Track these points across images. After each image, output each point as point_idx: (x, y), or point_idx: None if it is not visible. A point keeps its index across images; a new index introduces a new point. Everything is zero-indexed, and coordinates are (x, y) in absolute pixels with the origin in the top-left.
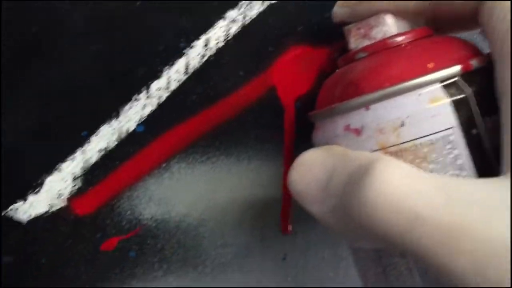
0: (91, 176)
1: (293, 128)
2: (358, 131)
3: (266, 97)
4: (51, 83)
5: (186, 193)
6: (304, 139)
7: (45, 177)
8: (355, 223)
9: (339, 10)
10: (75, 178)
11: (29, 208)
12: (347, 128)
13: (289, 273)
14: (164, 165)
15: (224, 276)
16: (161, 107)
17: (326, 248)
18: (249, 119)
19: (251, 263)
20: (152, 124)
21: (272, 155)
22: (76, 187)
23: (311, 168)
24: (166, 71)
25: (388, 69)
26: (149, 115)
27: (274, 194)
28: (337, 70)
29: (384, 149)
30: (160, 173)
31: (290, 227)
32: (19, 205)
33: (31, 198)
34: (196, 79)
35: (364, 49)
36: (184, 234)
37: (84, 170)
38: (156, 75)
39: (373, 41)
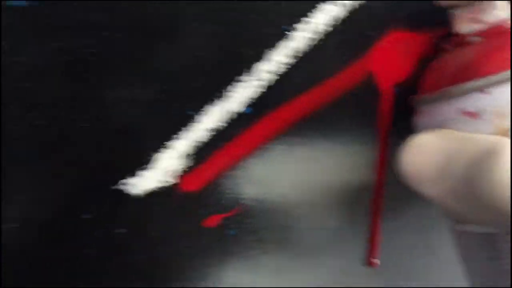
0: (199, 154)
1: (390, 113)
2: (474, 115)
3: (365, 81)
4: (167, 63)
5: (285, 174)
6: (400, 124)
7: (156, 154)
8: (480, 203)
9: None
10: (184, 156)
11: (142, 183)
12: (462, 112)
13: (379, 257)
14: (266, 146)
15: (316, 260)
16: (267, 89)
17: (414, 234)
18: (348, 103)
19: (343, 247)
20: (258, 106)
21: (367, 139)
22: (185, 165)
23: (426, 151)
24: (274, 54)
25: (506, 53)
26: (255, 97)
27: (367, 179)
28: (445, 54)
29: (501, 132)
30: (262, 154)
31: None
32: (133, 180)
33: (144, 173)
34: (302, 62)
35: (478, 33)
36: (281, 215)
37: (193, 149)
38: (265, 58)
39: (484, 25)
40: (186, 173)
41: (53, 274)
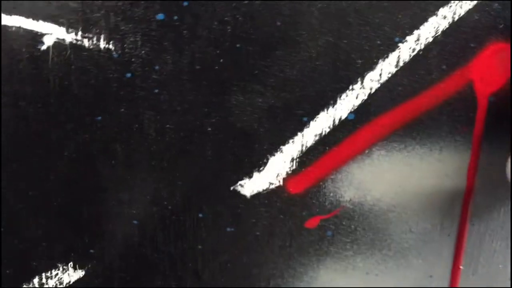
0: (306, 158)
1: (484, 122)
2: None
3: (462, 91)
4: (284, 72)
5: (382, 179)
6: (492, 132)
7: (269, 158)
8: None
9: None
10: (292, 160)
11: (253, 184)
12: None
13: (463, 262)
14: (366, 151)
15: (404, 261)
16: (371, 97)
17: (499, 240)
18: (444, 111)
19: (430, 250)
20: (362, 113)
21: (461, 147)
22: (293, 167)
23: None
24: (380, 63)
25: None
26: (360, 104)
27: (458, 185)
28: None
29: None
30: (363, 159)
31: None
32: (245, 181)
33: (256, 175)
34: (404, 71)
35: None
36: (375, 217)
37: (301, 153)
38: (371, 67)
39: None
40: (293, 176)
41: (165, 267)
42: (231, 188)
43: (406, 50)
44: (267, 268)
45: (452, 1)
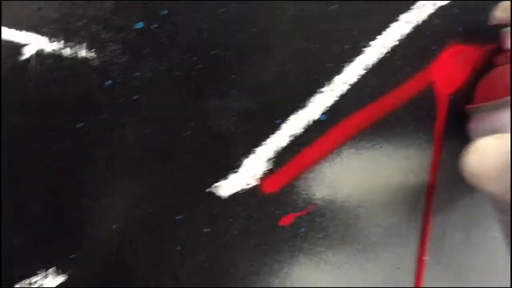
0: (280, 159)
1: (444, 121)
2: None
3: (424, 91)
4: (260, 75)
5: (352, 176)
6: (453, 130)
7: (244, 159)
8: None
9: (498, 14)
10: (267, 161)
11: (229, 186)
12: None
13: (428, 253)
14: (337, 151)
15: (373, 254)
16: (341, 98)
17: (460, 232)
18: (409, 111)
19: (397, 243)
20: (332, 114)
21: (425, 144)
22: (267, 168)
23: (489, 153)
24: (348, 67)
25: None
26: (330, 106)
27: (422, 181)
28: (497, 68)
29: None
30: (333, 158)
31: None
32: (221, 183)
33: (231, 177)
34: (371, 74)
35: None
36: (346, 213)
37: (275, 154)
38: (340, 70)
39: None
40: (267, 176)
41: (144, 269)
42: (207, 190)
43: (372, 53)
44: (244, 266)
45: (416, 3)
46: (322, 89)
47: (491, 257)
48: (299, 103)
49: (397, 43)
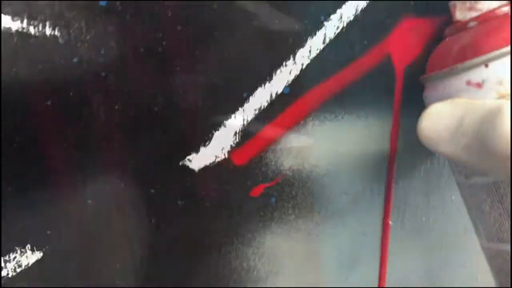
0: (247, 131)
1: (401, 91)
2: (479, 85)
3: (382, 63)
4: (224, 51)
5: (317, 146)
6: (411, 100)
7: (214, 132)
8: (488, 154)
9: None
10: (235, 134)
11: (201, 159)
12: (468, 83)
13: (392, 218)
14: (302, 122)
15: (340, 221)
16: (303, 72)
17: (421, 196)
18: (368, 82)
19: (363, 210)
20: (295, 87)
21: (384, 113)
22: (236, 141)
23: (440, 116)
24: (309, 41)
25: (502, 32)
26: (293, 79)
27: (383, 149)
28: (447, 38)
29: (502, 96)
30: (299, 129)
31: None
32: (193, 156)
33: (202, 150)
34: (331, 47)
35: (475, 19)
36: (313, 182)
37: (243, 126)
38: (301, 44)
39: (479, 13)
40: (236, 149)
41: (120, 243)
42: (180, 163)
43: (331, 28)
44: (218, 237)
45: None
46: (285, 63)
47: (451, 218)
48: (263, 77)
49: (353, 17)
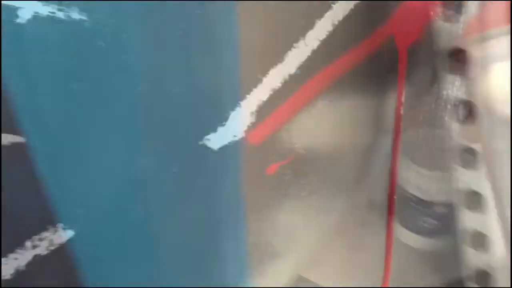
0: (262, 111)
1: (405, 70)
2: None
3: (386, 44)
4: (239, 36)
5: (327, 125)
6: (414, 77)
7: (230, 113)
8: None
9: None
10: (251, 113)
11: (219, 138)
12: None
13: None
14: (312, 102)
15: (349, 197)
16: (313, 53)
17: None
18: (373, 63)
19: (369, 183)
20: (306, 68)
21: (389, 92)
22: (251, 120)
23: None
24: (318, 23)
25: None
26: (304, 60)
27: (388, 127)
28: None
29: None
30: (309, 109)
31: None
32: (212, 136)
33: (220, 130)
34: (338, 29)
35: None
36: (324, 160)
37: (258, 107)
38: (312, 26)
39: None
40: (252, 128)
41: (144, 225)
42: (201, 142)
43: (338, 10)
44: (236, 215)
45: None
46: (297, 45)
47: None
48: (276, 58)
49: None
